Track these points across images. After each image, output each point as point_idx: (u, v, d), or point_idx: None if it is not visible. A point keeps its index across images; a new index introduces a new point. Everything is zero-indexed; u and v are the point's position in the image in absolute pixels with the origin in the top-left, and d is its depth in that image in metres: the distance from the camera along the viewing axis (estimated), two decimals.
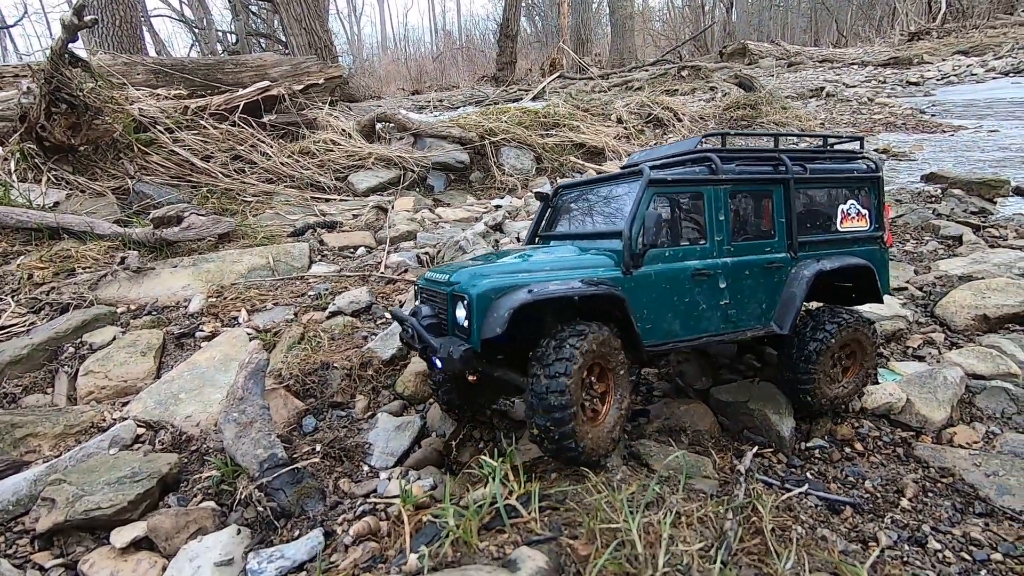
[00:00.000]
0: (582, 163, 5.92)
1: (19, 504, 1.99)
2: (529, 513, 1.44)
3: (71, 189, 4.92)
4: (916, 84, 13.91)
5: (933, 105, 11.11)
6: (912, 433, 2.24)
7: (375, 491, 1.92)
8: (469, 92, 22.43)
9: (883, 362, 2.74)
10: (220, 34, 23.74)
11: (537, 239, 2.60)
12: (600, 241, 2.16)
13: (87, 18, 4.06)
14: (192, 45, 30.50)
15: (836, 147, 2.59)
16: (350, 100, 16.14)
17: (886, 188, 5.96)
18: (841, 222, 2.42)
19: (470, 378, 2.09)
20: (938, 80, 14.17)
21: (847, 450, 2.17)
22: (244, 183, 5.12)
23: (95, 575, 1.73)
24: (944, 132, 8.92)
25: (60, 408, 2.55)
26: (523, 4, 29.10)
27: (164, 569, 1.73)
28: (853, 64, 18.37)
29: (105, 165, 5.10)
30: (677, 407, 2.36)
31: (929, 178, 6.10)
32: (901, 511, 1.79)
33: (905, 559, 1.55)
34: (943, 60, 17.07)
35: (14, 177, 4.80)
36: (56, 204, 4.75)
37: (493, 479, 1.52)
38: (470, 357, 1.75)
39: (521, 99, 18.16)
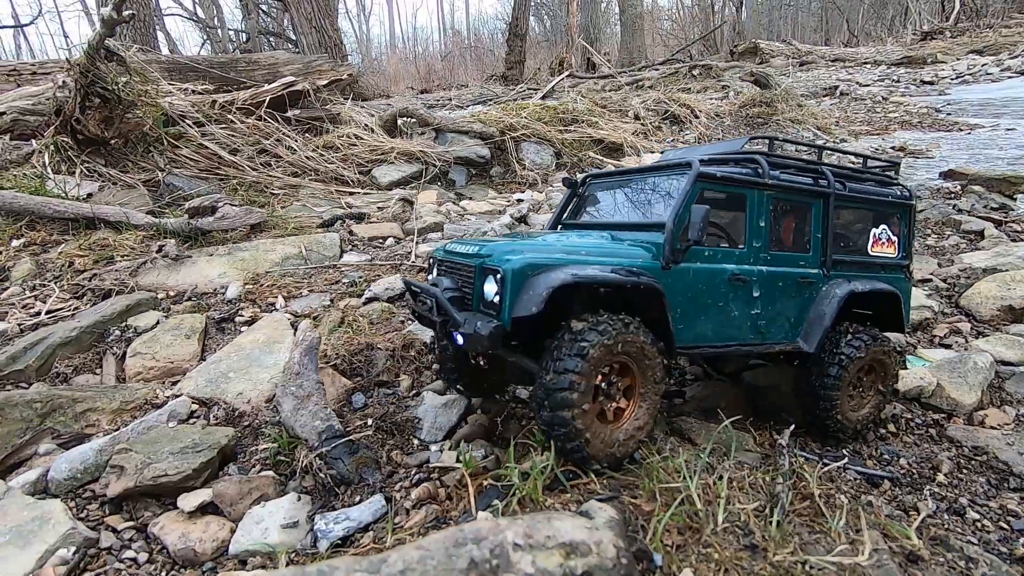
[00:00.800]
0: (601, 158, 5.99)
1: (86, 472, 2.09)
2: (588, 476, 1.52)
3: (103, 181, 5.05)
4: (931, 83, 13.87)
5: (948, 104, 11.11)
6: (943, 415, 2.31)
7: (427, 462, 2.01)
8: (478, 91, 22.51)
9: (911, 349, 2.81)
10: (232, 33, 23.95)
11: (560, 227, 2.54)
12: (635, 233, 2.09)
13: (125, 13, 4.18)
14: (203, 44, 30.78)
15: (873, 168, 2.56)
16: (360, 98, 16.24)
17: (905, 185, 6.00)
18: (872, 246, 2.40)
19: (480, 362, 2.04)
20: (953, 79, 14.13)
21: (880, 431, 2.24)
22: (271, 176, 5.24)
23: (166, 536, 1.83)
24: (961, 130, 8.93)
25: (116, 386, 2.66)
26: (532, 3, 29.17)
27: (232, 532, 1.83)
28: (866, 63, 18.33)
29: (136, 158, 5.23)
30: (711, 389, 2.44)
31: (948, 175, 6.13)
32: (938, 485, 1.86)
33: (946, 527, 1.62)
34: (957, 59, 17.00)
35: (48, 169, 4.93)
36: (89, 195, 4.87)
37: (548, 448, 1.60)
38: (499, 335, 1.62)
39: (531, 98, 18.23)
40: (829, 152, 2.59)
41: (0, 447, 2.18)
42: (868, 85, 14.31)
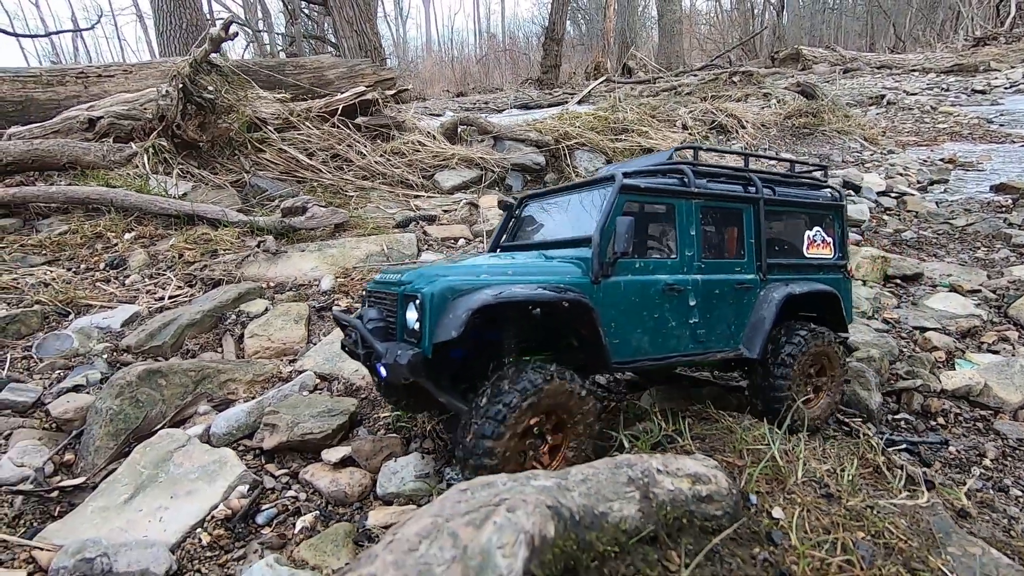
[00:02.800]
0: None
1: (239, 429, 2.54)
2: (684, 440, 1.86)
3: (196, 181, 5.63)
4: (982, 92, 13.67)
5: (1001, 115, 10.99)
6: (990, 412, 2.56)
7: None
8: (513, 95, 22.97)
9: (960, 353, 3.05)
10: (278, 37, 25.03)
11: (498, 250, 2.53)
12: (567, 249, 2.08)
13: (231, 31, 4.72)
14: (246, 47, 32.13)
15: (802, 172, 2.65)
16: (397, 101, 16.85)
17: (954, 198, 6.13)
18: (807, 248, 2.45)
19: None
20: (1006, 88, 13.88)
21: (931, 423, 2.51)
22: (344, 179, 5.73)
23: (317, 481, 2.24)
24: (1014, 142, 8.89)
25: (249, 361, 3.12)
26: (569, 7, 29.50)
27: (372, 480, 2.24)
28: (913, 71, 18.05)
29: (223, 160, 5.80)
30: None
31: (999, 188, 6.23)
32: (984, 468, 2.14)
33: (992, 500, 1.90)
34: (1012, 67, 16.63)
35: (147, 170, 5.53)
36: (184, 194, 5.45)
37: (649, 417, 1.95)
38: (418, 363, 1.60)
39: (567, 102, 18.58)
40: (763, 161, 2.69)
41: (170, 405, 2.64)
42: (916, 94, 14.16)
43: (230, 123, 5.64)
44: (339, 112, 6.04)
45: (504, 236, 2.58)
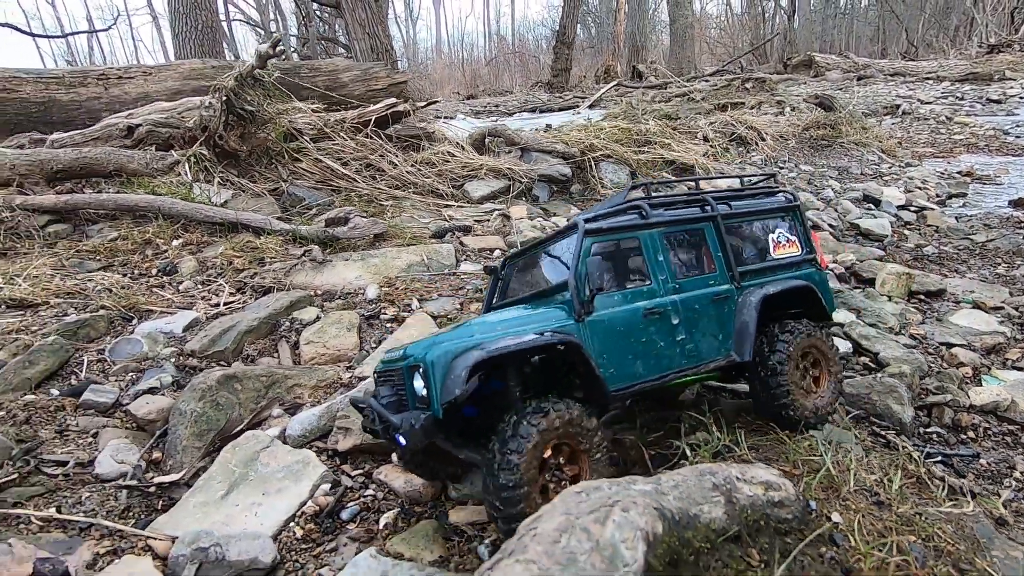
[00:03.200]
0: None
1: (312, 432, 2.74)
2: (741, 450, 2.06)
3: (235, 189, 5.86)
4: (998, 102, 13.78)
5: (1017, 126, 11.11)
6: (1018, 427, 2.74)
7: None
8: (523, 98, 23.17)
9: (986, 369, 3.22)
10: (292, 39, 25.33)
11: (492, 310, 2.72)
12: (551, 296, 2.28)
13: (278, 49, 4.94)
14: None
15: (757, 183, 2.86)
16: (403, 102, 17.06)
17: (972, 212, 6.29)
18: (774, 250, 2.62)
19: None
20: (1022, 98, 13.98)
21: (962, 436, 2.69)
22: (377, 188, 5.94)
23: (392, 481, 2.44)
24: None
25: (312, 367, 3.33)
26: (579, 10, 29.66)
27: (444, 484, 2.43)
28: (927, 79, 18.14)
29: (261, 169, 6.02)
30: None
31: (1018, 203, 6.38)
32: (1015, 479, 2.32)
33: None
34: None
35: (190, 178, 5.76)
36: (225, 202, 5.67)
37: (706, 428, 2.14)
38: (431, 426, 1.76)
39: (577, 107, 18.77)
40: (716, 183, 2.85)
41: (246, 408, 2.85)
42: (930, 103, 14.29)
43: (268, 133, 5.87)
44: (372, 123, 6.25)
45: (495, 297, 2.78)
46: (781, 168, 7.27)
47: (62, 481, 2.40)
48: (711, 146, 7.19)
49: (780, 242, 2.67)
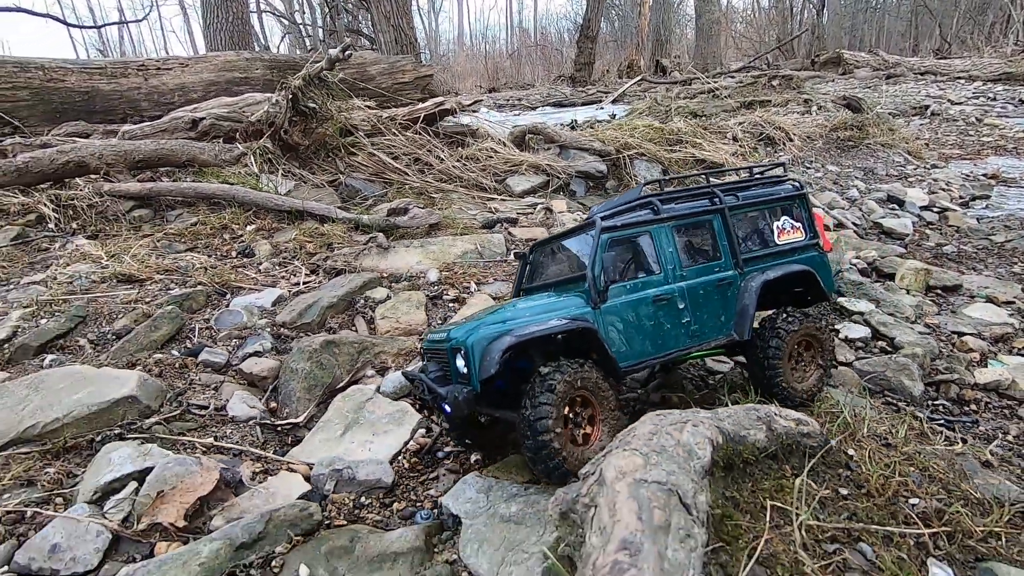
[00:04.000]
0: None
1: (400, 390, 3.26)
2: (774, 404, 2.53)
3: (297, 180, 6.43)
4: None
5: None
6: (1016, 402, 3.16)
7: (635, 400, 3.07)
8: (546, 92, 23.50)
9: (993, 354, 3.64)
10: (318, 31, 25.95)
11: (521, 292, 3.09)
12: (572, 284, 2.57)
13: (347, 53, 5.47)
14: (282, 39, 33.19)
15: (767, 172, 3.11)
16: (431, 95, 17.62)
17: (995, 214, 6.61)
18: (779, 236, 2.82)
19: (482, 419, 2.49)
20: None
21: (964, 408, 3.13)
22: (426, 181, 6.47)
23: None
24: None
25: (393, 338, 3.87)
26: (604, 4, 29.74)
27: None
28: (959, 78, 18.10)
29: (320, 162, 6.58)
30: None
31: None
32: (1007, 440, 2.76)
33: (1010, 459, 2.53)
34: None
35: (256, 169, 6.34)
36: (288, 192, 6.25)
37: (745, 389, 2.62)
38: (472, 398, 2.10)
39: (601, 101, 19.08)
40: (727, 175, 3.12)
41: (343, 369, 3.40)
42: (961, 103, 14.37)
43: (327, 129, 6.41)
44: (421, 120, 6.76)
45: (524, 280, 3.13)
46: (808, 168, 7.64)
47: (207, 420, 2.97)
48: (740, 146, 7.58)
49: (785, 228, 2.85)
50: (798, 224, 2.90)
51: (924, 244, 5.79)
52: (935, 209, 6.68)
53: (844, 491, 1.92)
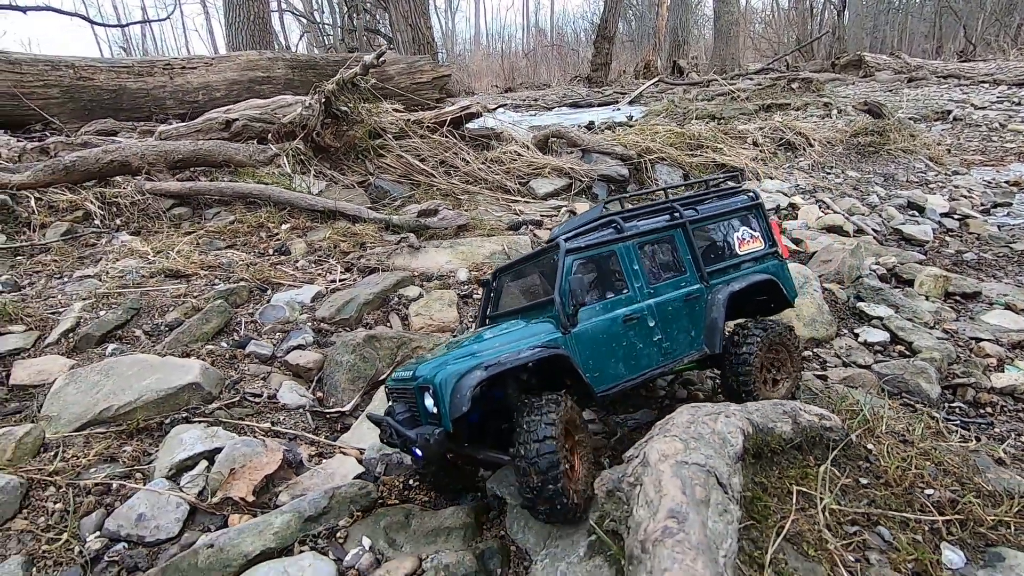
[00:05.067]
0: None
1: None
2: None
3: (328, 181, 6.69)
4: None
5: None
6: None
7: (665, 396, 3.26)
8: (562, 92, 23.64)
9: (1010, 360, 3.77)
10: (337, 30, 26.35)
11: (487, 320, 3.00)
12: (539, 310, 2.50)
13: (381, 59, 5.71)
14: (301, 37, 33.67)
15: (717, 187, 3.09)
16: (447, 95, 17.88)
17: (1016, 222, 6.67)
18: (739, 247, 2.84)
19: (458, 461, 2.35)
20: None
21: (980, 411, 3.27)
22: (452, 183, 6.69)
23: None
24: None
25: (428, 334, 4.09)
26: (622, 4, 29.75)
27: None
28: (983, 82, 17.95)
29: (350, 163, 6.84)
30: (848, 375, 3.54)
31: None
32: (1020, 440, 2.90)
33: (1023, 457, 2.68)
34: None
35: (289, 170, 6.61)
36: (320, 192, 6.50)
37: None
38: (443, 439, 1.98)
39: (617, 102, 19.19)
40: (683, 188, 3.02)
41: (384, 361, 3.62)
42: (984, 108, 14.29)
43: (357, 132, 6.67)
44: (447, 123, 6.98)
45: (489, 308, 3.05)
46: (828, 174, 7.74)
47: (261, 407, 3.21)
48: (760, 150, 7.71)
49: (744, 239, 2.87)
50: (756, 233, 2.92)
51: (944, 251, 5.89)
52: (956, 216, 6.76)
53: (864, 480, 2.09)
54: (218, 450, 2.62)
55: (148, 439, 2.83)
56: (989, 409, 3.28)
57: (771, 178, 7.16)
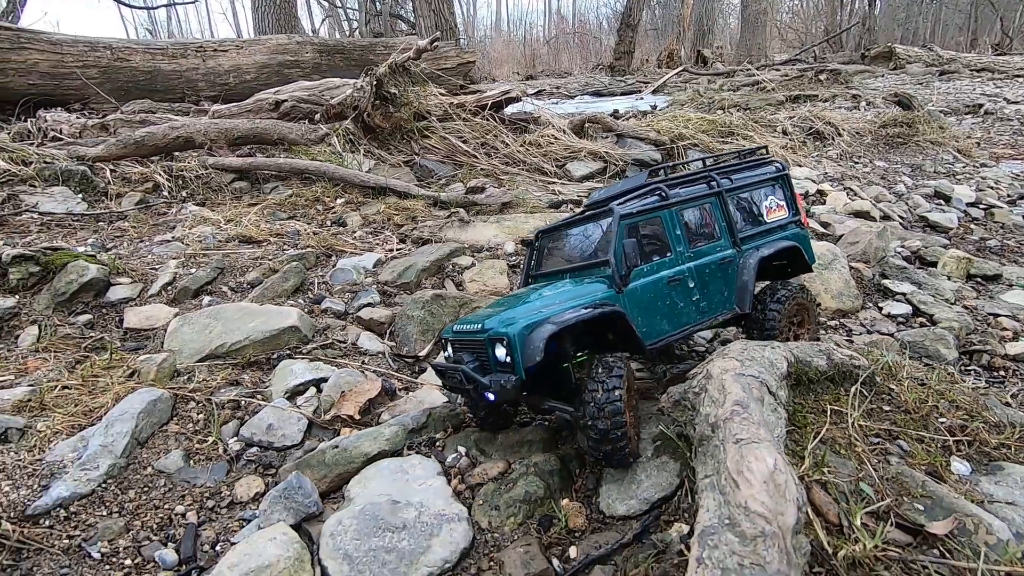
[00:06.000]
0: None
1: None
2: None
3: (376, 160, 7.15)
4: None
5: None
6: None
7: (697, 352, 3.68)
8: (584, 80, 23.83)
9: None
10: (360, 14, 26.70)
11: (530, 279, 3.19)
12: (590, 270, 2.70)
13: (434, 45, 6.13)
14: (323, 21, 34.08)
15: (748, 157, 3.34)
16: (470, 82, 18.24)
17: None
18: (767, 215, 3.08)
19: (506, 407, 2.58)
20: None
21: (993, 373, 3.65)
22: (492, 164, 7.12)
23: None
24: None
25: (484, 296, 4.55)
26: None
27: None
28: (1017, 76, 17.85)
29: (396, 144, 7.29)
30: (872, 340, 3.92)
31: None
32: None
33: None
34: None
35: (340, 149, 7.09)
36: (369, 170, 6.97)
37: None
38: (519, 385, 2.18)
39: (640, 91, 19.39)
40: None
41: (448, 317, 4.09)
42: (1018, 102, 14.31)
43: (403, 114, 7.11)
44: (488, 107, 7.39)
45: (532, 268, 3.25)
46: (856, 163, 8.03)
47: (347, 351, 3.69)
48: (790, 139, 8.02)
49: (772, 207, 3.11)
50: (782, 202, 3.16)
51: (968, 238, 6.20)
52: (981, 206, 7.03)
53: (886, 408, 2.50)
54: (324, 379, 3.10)
55: (259, 371, 3.33)
56: (1002, 372, 3.65)
57: (800, 166, 7.48)
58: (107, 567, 2.11)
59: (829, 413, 2.32)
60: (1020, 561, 1.72)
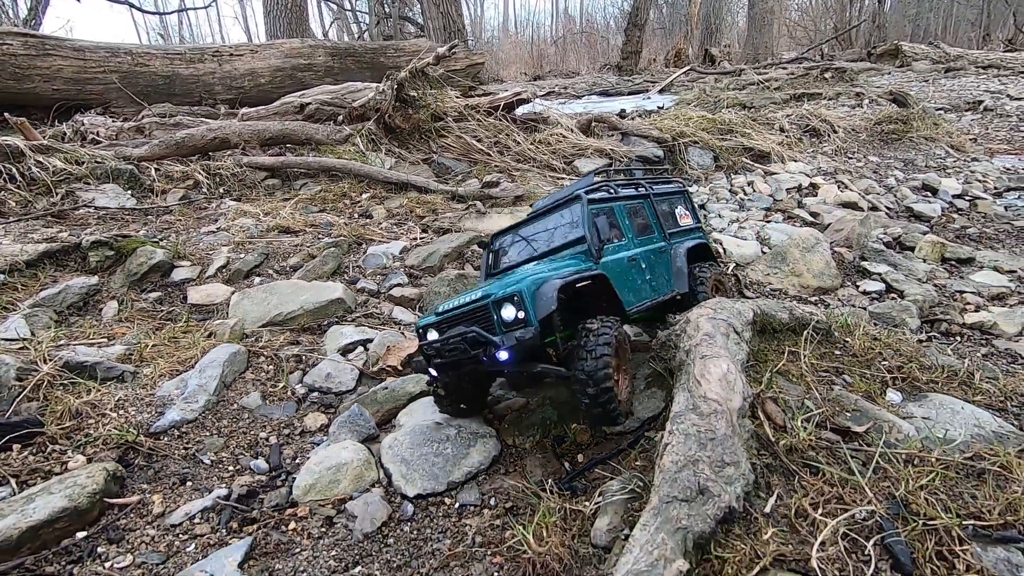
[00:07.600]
0: (751, 163, 8.01)
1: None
2: None
3: (396, 158, 7.83)
4: None
5: None
6: (993, 336, 4.24)
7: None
8: (591, 80, 24.46)
9: (985, 307, 4.70)
10: (369, 17, 27.51)
11: (489, 278, 3.49)
12: (561, 252, 3.09)
13: (452, 51, 6.80)
14: (331, 24, 34.99)
15: (660, 173, 4.15)
16: (479, 83, 18.92)
17: None
18: (681, 220, 3.78)
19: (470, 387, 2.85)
20: None
21: (950, 338, 4.23)
22: (505, 161, 7.77)
23: None
24: None
25: None
26: None
27: None
28: (1023, 72, 18.25)
29: (414, 143, 7.97)
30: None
31: None
32: (978, 356, 3.87)
33: (967, 354, 3.65)
34: None
35: (363, 148, 7.77)
36: (390, 168, 7.65)
37: None
38: (537, 335, 2.35)
39: (647, 91, 19.99)
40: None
41: None
42: (1020, 99, 14.77)
43: (422, 115, 7.79)
44: (501, 107, 8.06)
45: (490, 267, 3.62)
46: (850, 158, 8.61)
47: (385, 320, 4.35)
48: (786, 136, 8.62)
49: (683, 214, 3.83)
50: (687, 212, 3.95)
51: (949, 226, 6.77)
52: (967, 198, 7.59)
53: (837, 352, 3.11)
54: (369, 340, 3.75)
55: (313, 335, 3.99)
56: (958, 337, 4.24)
57: (795, 161, 8.07)
58: (216, 469, 2.77)
59: (787, 353, 2.93)
60: (918, 449, 2.33)
